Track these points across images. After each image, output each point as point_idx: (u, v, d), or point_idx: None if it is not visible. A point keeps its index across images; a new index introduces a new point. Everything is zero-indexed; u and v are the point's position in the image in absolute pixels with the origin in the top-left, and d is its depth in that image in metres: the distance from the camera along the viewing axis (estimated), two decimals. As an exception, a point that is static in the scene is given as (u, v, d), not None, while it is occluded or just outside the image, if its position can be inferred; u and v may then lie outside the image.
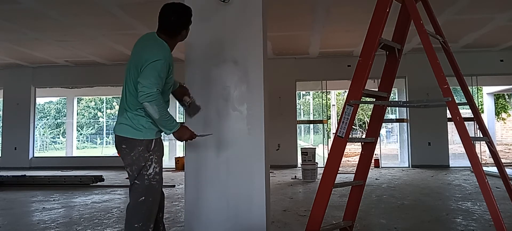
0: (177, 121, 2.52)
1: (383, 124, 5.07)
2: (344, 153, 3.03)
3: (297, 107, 11.51)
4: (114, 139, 2.57)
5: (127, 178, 2.67)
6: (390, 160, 12.62)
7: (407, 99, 10.43)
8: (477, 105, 3.64)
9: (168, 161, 13.46)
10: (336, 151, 2.88)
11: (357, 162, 3.31)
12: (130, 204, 2.46)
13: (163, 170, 2.61)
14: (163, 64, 2.38)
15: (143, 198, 2.43)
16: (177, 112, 15.47)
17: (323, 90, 12.13)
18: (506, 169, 3.05)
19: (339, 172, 2.90)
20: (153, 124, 2.46)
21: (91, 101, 28.25)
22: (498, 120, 21.65)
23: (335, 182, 2.86)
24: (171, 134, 2.50)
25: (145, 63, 2.36)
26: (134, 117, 2.44)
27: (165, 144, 15.75)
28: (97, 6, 6.57)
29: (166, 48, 2.50)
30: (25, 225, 4.54)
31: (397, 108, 12.20)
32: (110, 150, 20.99)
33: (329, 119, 22.17)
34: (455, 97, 2.57)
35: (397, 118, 11.79)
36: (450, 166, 10.29)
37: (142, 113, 2.43)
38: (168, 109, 2.46)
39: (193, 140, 2.71)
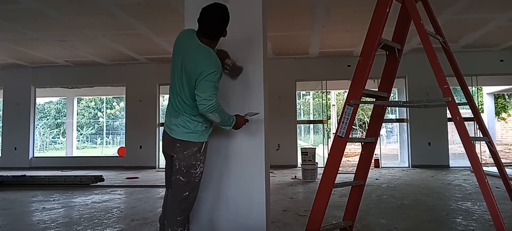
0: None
1: (383, 124, 5.07)
2: (344, 153, 3.02)
3: (297, 107, 11.52)
4: (163, 137, 2.76)
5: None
6: (390, 160, 12.63)
7: (407, 99, 10.44)
8: (477, 105, 3.64)
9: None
10: (336, 151, 2.88)
11: (357, 162, 3.31)
12: (175, 199, 2.62)
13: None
14: (217, 75, 2.50)
15: (188, 193, 2.62)
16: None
17: (323, 90, 12.13)
18: (506, 169, 3.05)
19: (339, 172, 2.89)
20: (207, 128, 2.66)
21: (91, 101, 28.26)
22: (498, 120, 21.65)
23: (335, 182, 2.86)
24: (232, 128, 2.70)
25: (200, 77, 2.45)
26: (190, 121, 2.59)
27: (165, 144, 15.89)
28: (97, 6, 6.57)
29: (216, 57, 2.58)
30: (25, 225, 4.54)
31: (397, 108, 12.20)
32: (110, 150, 21.02)
33: (329, 119, 22.16)
34: (455, 97, 2.57)
35: (397, 118, 11.80)
36: (450, 166, 10.29)
37: (199, 119, 2.59)
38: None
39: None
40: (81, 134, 26.27)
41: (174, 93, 2.63)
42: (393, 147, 17.96)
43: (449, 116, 9.74)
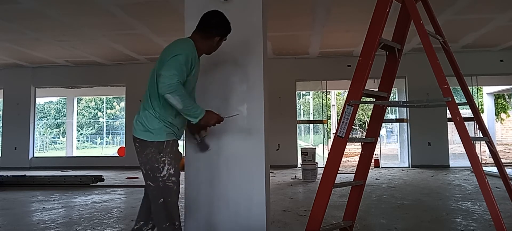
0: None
1: (383, 124, 5.07)
2: (344, 153, 3.02)
3: (297, 107, 11.52)
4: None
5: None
6: (390, 160, 12.62)
7: (407, 99, 10.44)
8: (477, 105, 3.64)
9: (168, 161, 13.47)
10: (336, 151, 2.88)
11: (357, 162, 3.31)
12: (154, 206, 2.51)
13: None
14: (185, 58, 2.39)
15: (162, 199, 2.47)
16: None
17: (323, 90, 12.13)
18: (506, 169, 3.05)
19: (339, 172, 2.89)
20: (166, 126, 2.48)
21: (91, 101, 28.27)
22: (498, 120, 21.66)
23: (335, 182, 2.86)
24: (199, 121, 2.50)
25: (167, 57, 2.40)
26: (146, 117, 2.48)
27: (165, 144, 15.89)
28: (97, 6, 6.57)
29: (190, 44, 2.53)
30: (25, 225, 4.53)
31: (397, 108, 12.20)
32: (110, 150, 21.02)
33: (329, 119, 22.17)
34: (455, 97, 2.57)
35: (397, 118, 11.80)
36: (450, 166, 10.29)
37: (154, 114, 2.46)
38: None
39: (221, 123, 2.71)
40: (81, 134, 26.27)
41: (146, 92, 2.57)
42: (393, 147, 17.96)
43: (449, 116, 9.74)
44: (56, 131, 27.83)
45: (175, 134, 2.57)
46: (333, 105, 23.12)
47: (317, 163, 8.36)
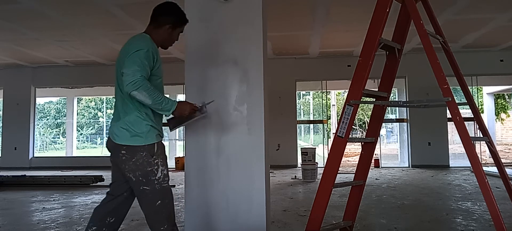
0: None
1: (383, 124, 5.07)
2: (344, 153, 3.02)
3: (297, 107, 11.51)
4: (107, 145, 2.51)
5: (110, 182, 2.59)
6: (390, 160, 12.62)
7: (407, 99, 10.44)
8: (477, 105, 3.64)
9: (168, 161, 13.46)
10: (336, 151, 2.88)
11: (357, 162, 3.31)
12: (150, 211, 2.41)
13: None
14: (145, 53, 2.31)
15: (160, 201, 2.41)
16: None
17: (323, 90, 12.13)
18: (506, 169, 3.05)
19: (339, 172, 2.89)
20: (153, 127, 2.41)
21: (91, 101, 28.27)
22: (498, 120, 21.66)
23: (335, 182, 2.86)
24: (172, 114, 2.44)
25: (127, 55, 2.32)
26: (132, 121, 2.37)
27: (165, 143, 15.90)
28: (97, 6, 6.57)
29: (147, 38, 2.45)
30: (25, 225, 4.54)
31: (397, 108, 12.20)
32: (110, 150, 20.97)
33: (329, 119, 22.17)
34: (455, 97, 2.57)
35: (397, 118, 11.80)
36: (450, 166, 10.29)
37: (141, 116, 2.37)
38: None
39: (198, 117, 2.65)
40: (81, 134, 26.27)
41: (116, 98, 2.50)
42: (393, 147, 17.96)
43: (449, 116, 9.73)
44: (56, 131, 27.84)
45: (161, 135, 2.51)
46: (333, 105, 23.13)
47: (317, 163, 8.36)
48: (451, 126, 10.48)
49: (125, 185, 2.50)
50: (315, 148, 9.08)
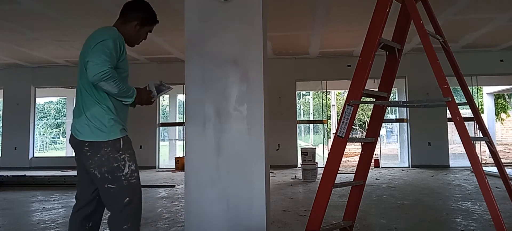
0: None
1: (383, 124, 5.07)
2: (344, 153, 3.02)
3: (297, 107, 11.52)
4: (70, 141, 2.40)
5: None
6: (390, 160, 12.62)
7: (407, 99, 10.44)
8: (477, 105, 3.64)
9: (168, 161, 13.48)
10: (336, 151, 2.88)
11: (357, 162, 3.31)
12: (115, 208, 2.28)
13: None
14: (113, 42, 2.26)
15: (128, 198, 2.28)
16: (177, 112, 15.50)
17: (323, 90, 12.13)
18: (506, 169, 3.05)
19: (339, 172, 2.89)
20: (117, 122, 2.31)
21: (91, 101, 28.22)
22: (498, 120, 21.67)
23: (335, 182, 2.86)
24: (134, 102, 2.42)
25: (91, 47, 2.24)
26: (94, 116, 2.27)
27: (165, 143, 15.90)
28: (97, 6, 6.57)
29: (114, 29, 2.39)
30: (25, 225, 4.54)
31: (397, 108, 12.21)
32: (110, 150, 20.98)
33: (329, 119, 22.18)
34: (455, 97, 2.57)
35: (397, 118, 11.80)
36: (450, 166, 10.29)
37: (103, 110, 2.27)
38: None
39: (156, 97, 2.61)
40: (81, 134, 26.23)
41: (77, 93, 2.39)
42: (393, 147, 17.97)
43: (449, 116, 9.74)
44: (56, 131, 27.84)
45: (126, 130, 2.41)
46: (333, 105, 23.14)
47: (317, 163, 8.36)
48: (451, 126, 10.48)
49: (93, 185, 2.37)
50: (315, 148, 9.08)
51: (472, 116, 3.27)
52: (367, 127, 5.35)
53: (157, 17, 2.63)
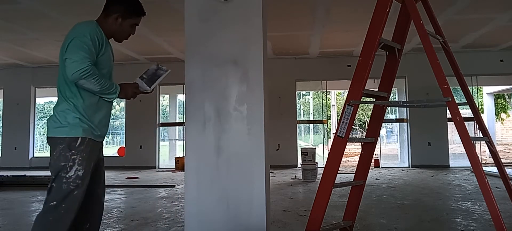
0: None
1: (383, 124, 5.07)
2: (344, 153, 3.02)
3: (297, 107, 11.52)
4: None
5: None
6: (390, 160, 12.63)
7: (407, 99, 10.44)
8: (477, 105, 3.64)
9: (168, 161, 13.48)
10: (336, 151, 2.88)
11: (357, 162, 3.31)
12: (43, 206, 2.13)
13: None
14: (90, 37, 2.14)
15: (55, 203, 2.07)
16: (177, 112, 15.50)
17: (323, 90, 12.13)
18: (506, 169, 3.05)
19: (339, 172, 2.89)
20: (82, 120, 2.16)
21: (91, 101, 28.23)
22: (498, 120, 21.67)
23: (335, 182, 2.86)
24: (119, 98, 2.33)
25: (68, 41, 2.13)
26: (60, 112, 2.17)
27: (165, 143, 15.89)
28: (97, 6, 6.55)
29: (93, 24, 2.27)
30: (25, 225, 4.53)
31: (397, 108, 12.21)
32: (110, 150, 21.01)
33: (329, 119, 22.18)
34: (455, 97, 2.57)
35: (397, 118, 11.81)
36: (450, 166, 10.30)
37: (69, 108, 2.16)
38: None
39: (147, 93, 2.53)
40: (81, 134, 26.24)
41: (58, 86, 2.30)
42: (393, 147, 17.97)
43: (449, 116, 9.74)
44: (56, 131, 27.79)
45: (93, 132, 2.22)
46: (333, 105, 23.14)
47: (317, 163, 8.36)
48: (451, 126, 10.48)
49: None
50: (315, 148, 9.08)
51: (472, 116, 3.27)
52: (367, 127, 5.35)
53: (144, 9, 2.48)
